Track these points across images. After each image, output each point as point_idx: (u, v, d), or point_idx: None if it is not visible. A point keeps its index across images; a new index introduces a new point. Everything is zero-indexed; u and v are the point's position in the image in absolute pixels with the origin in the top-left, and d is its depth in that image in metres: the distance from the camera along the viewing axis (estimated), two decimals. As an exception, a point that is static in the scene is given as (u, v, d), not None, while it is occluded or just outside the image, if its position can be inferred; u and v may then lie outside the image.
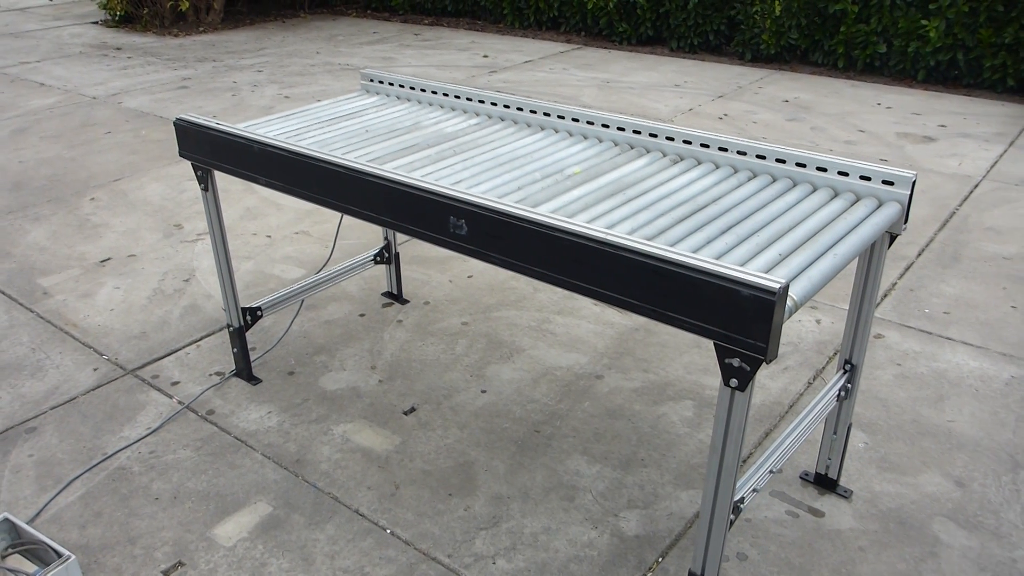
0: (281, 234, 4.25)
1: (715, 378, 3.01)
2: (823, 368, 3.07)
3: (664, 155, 2.39)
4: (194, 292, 3.68)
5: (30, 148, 5.58)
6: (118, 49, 8.72)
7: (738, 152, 2.25)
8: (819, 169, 2.13)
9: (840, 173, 2.10)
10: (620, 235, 1.68)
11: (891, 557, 2.24)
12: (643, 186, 2.16)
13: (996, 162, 5.09)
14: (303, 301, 3.52)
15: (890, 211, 1.99)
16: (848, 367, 2.31)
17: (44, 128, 6.02)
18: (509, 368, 3.09)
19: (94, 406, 2.91)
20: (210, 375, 3.08)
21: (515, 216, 1.80)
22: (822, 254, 1.80)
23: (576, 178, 2.22)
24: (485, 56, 8.11)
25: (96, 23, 10.17)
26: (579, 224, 1.73)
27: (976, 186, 4.73)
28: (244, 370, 3.03)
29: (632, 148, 2.45)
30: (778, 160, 2.19)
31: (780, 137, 5.57)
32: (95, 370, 3.12)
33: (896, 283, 3.69)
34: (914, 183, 2.00)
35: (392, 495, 2.48)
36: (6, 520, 2.18)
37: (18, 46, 8.88)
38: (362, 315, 3.47)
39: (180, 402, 2.93)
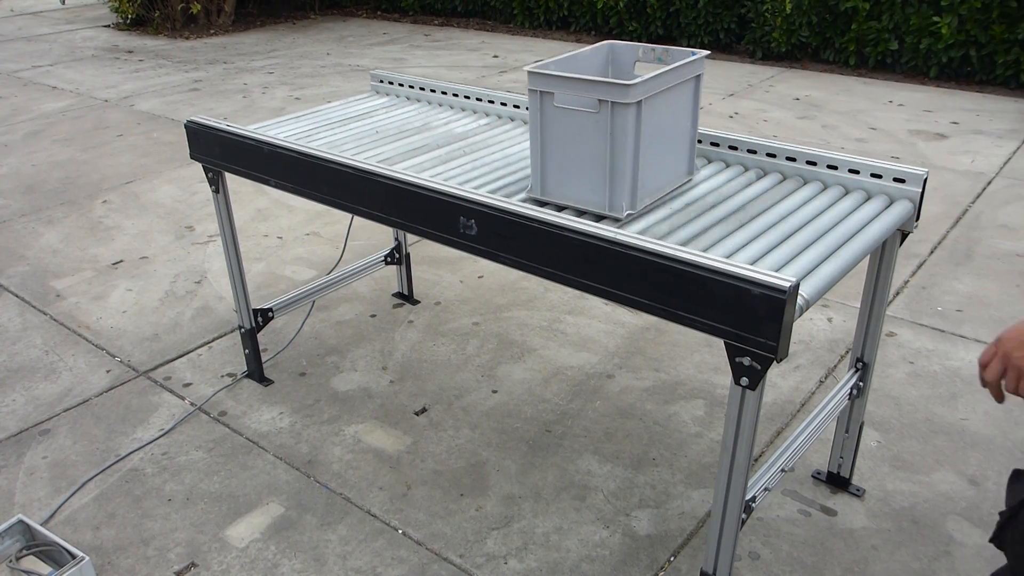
0: (292, 235, 4.27)
1: (726, 377, 3.00)
2: (835, 366, 3.06)
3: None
4: (206, 294, 3.70)
5: (43, 151, 5.62)
6: (130, 52, 8.77)
7: (748, 150, 2.25)
8: (830, 167, 2.12)
9: (851, 171, 2.09)
10: (630, 235, 1.68)
11: (904, 556, 2.23)
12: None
13: (1009, 159, 5.06)
14: (314, 302, 3.53)
15: (902, 209, 1.99)
16: (860, 365, 2.30)
17: (57, 131, 6.06)
18: (520, 368, 3.09)
19: (107, 408, 2.93)
20: (222, 376, 3.09)
21: (525, 216, 1.80)
22: (833, 252, 1.79)
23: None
24: (495, 56, 8.11)
25: (108, 26, 10.22)
26: (589, 224, 1.73)
27: (989, 183, 4.70)
28: (256, 371, 3.04)
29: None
30: (788, 158, 2.19)
31: (791, 135, 5.55)
32: (108, 372, 3.13)
33: (908, 281, 3.67)
34: (926, 181, 1.99)
35: (404, 495, 2.49)
36: (20, 522, 2.19)
37: (31, 50, 8.94)
38: (373, 316, 3.48)
39: (192, 404, 2.94)
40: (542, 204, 2.06)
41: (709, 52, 2.13)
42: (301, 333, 3.36)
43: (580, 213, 2.02)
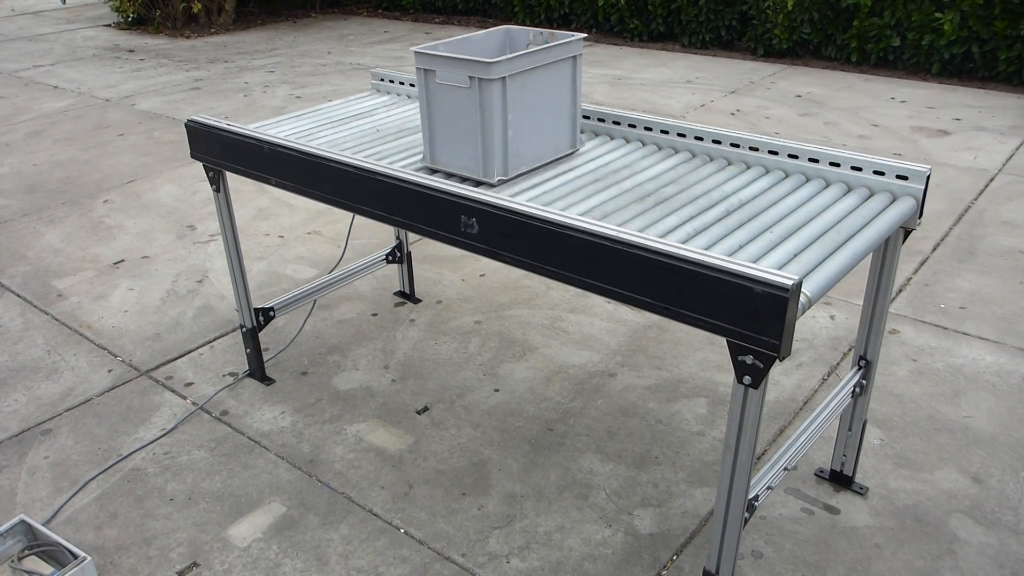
0: (293, 234, 4.26)
1: (729, 375, 2.99)
2: (838, 364, 3.05)
3: (676, 152, 2.37)
4: (207, 293, 3.69)
5: (44, 151, 5.62)
6: (131, 51, 8.77)
7: (750, 148, 2.24)
8: (832, 164, 2.11)
9: (854, 168, 2.08)
10: (632, 233, 1.67)
11: (908, 554, 2.22)
12: (655, 183, 2.15)
13: (1012, 155, 5.05)
14: (316, 301, 3.53)
15: (904, 206, 1.98)
16: (863, 363, 2.30)
17: (58, 131, 6.05)
18: (522, 367, 3.08)
19: (109, 407, 2.93)
20: (223, 376, 3.09)
21: (526, 215, 1.80)
22: (835, 250, 1.79)
23: (588, 176, 2.21)
24: (496, 54, 8.10)
25: (109, 26, 10.22)
26: (590, 222, 1.73)
27: (992, 180, 4.69)
28: (257, 370, 3.04)
29: (644, 145, 2.44)
30: (791, 156, 2.18)
31: (793, 132, 5.54)
32: (110, 371, 3.13)
33: (911, 278, 3.66)
34: (928, 178, 1.99)
35: (406, 494, 2.48)
36: (22, 522, 2.19)
37: (32, 49, 8.94)
38: (375, 315, 3.47)
39: (194, 403, 2.94)
40: (432, 172, 2.28)
41: (586, 35, 2.34)
42: (302, 332, 3.35)
43: (463, 179, 2.23)
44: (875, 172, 2.05)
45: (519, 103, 2.14)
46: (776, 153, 2.20)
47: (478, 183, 2.19)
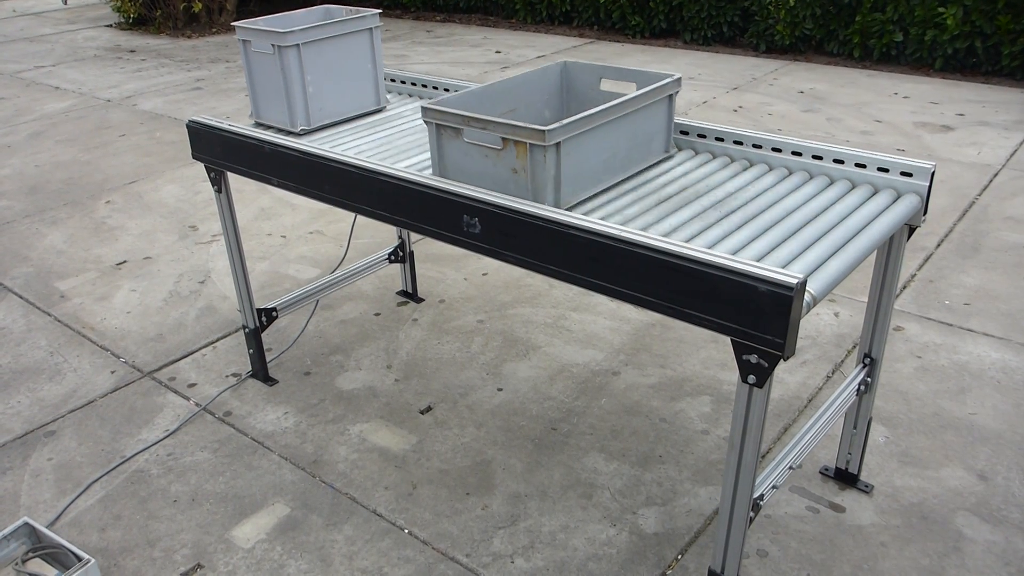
0: (295, 234, 4.26)
1: (733, 373, 2.99)
2: (842, 362, 3.04)
3: (679, 149, 2.37)
4: (210, 293, 3.69)
5: (46, 152, 5.62)
6: (132, 52, 8.77)
7: (753, 145, 2.23)
8: (836, 161, 2.10)
9: (857, 165, 2.07)
10: (635, 232, 1.66)
11: (914, 552, 2.21)
12: (657, 182, 2.14)
13: (1016, 150, 5.03)
14: (318, 301, 3.52)
15: (909, 203, 1.97)
16: (867, 360, 2.29)
17: (60, 132, 6.05)
18: (525, 366, 3.08)
19: (112, 409, 2.92)
20: (227, 376, 3.08)
21: (528, 214, 1.79)
22: (840, 248, 1.78)
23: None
24: (498, 52, 8.09)
25: (110, 26, 10.22)
26: (593, 221, 1.72)
27: (995, 175, 4.67)
28: (260, 371, 3.03)
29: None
30: (794, 153, 2.17)
31: (796, 129, 5.52)
32: (112, 373, 3.13)
33: (915, 274, 3.65)
34: (933, 174, 1.98)
35: (409, 495, 2.48)
36: (26, 524, 2.18)
37: (33, 50, 8.94)
38: (377, 314, 3.47)
39: (197, 404, 2.94)
40: (260, 127, 2.66)
41: (380, 11, 2.54)
42: (305, 332, 3.35)
43: (280, 130, 2.63)
44: (879, 169, 2.04)
45: (316, 66, 2.57)
46: (779, 150, 2.19)
47: (289, 133, 2.59)
